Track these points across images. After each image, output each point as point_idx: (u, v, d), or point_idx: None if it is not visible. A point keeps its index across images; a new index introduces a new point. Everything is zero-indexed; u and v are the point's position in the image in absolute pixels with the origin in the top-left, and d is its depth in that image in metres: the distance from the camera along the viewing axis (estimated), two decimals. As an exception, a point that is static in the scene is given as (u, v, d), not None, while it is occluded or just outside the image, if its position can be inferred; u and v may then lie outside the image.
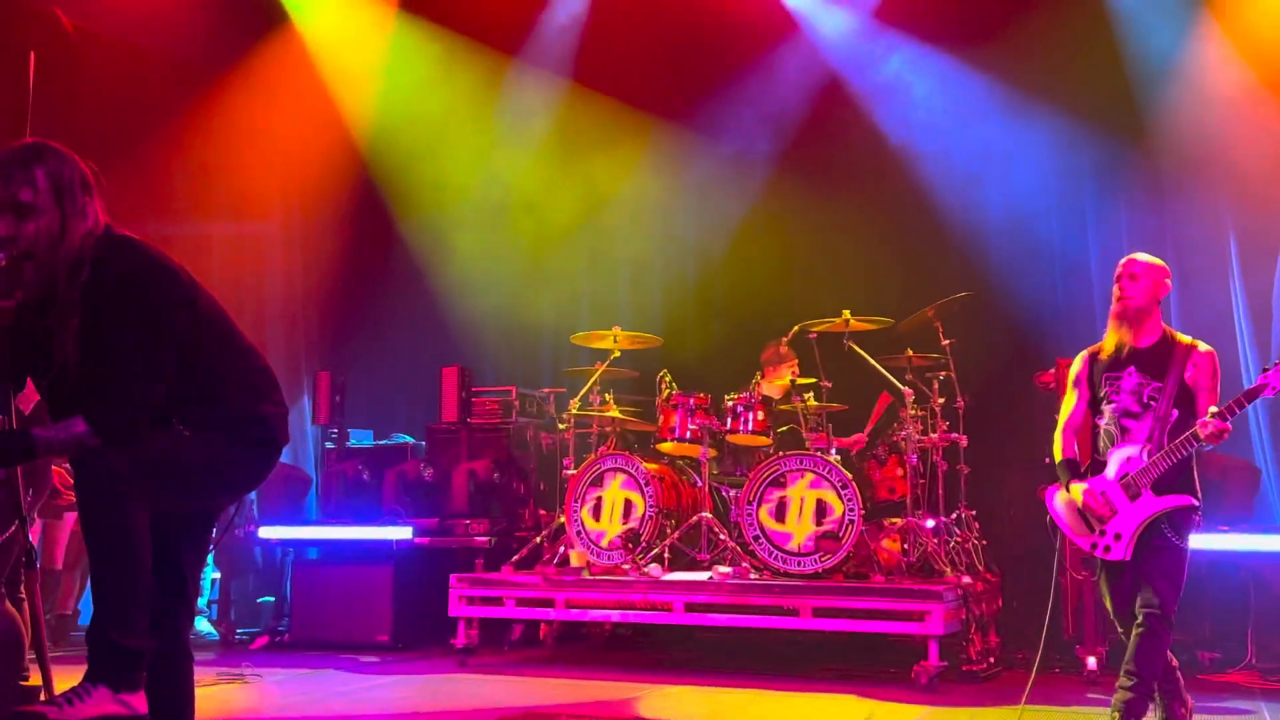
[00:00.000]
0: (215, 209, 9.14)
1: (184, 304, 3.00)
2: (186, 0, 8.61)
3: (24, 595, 4.42)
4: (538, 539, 6.96)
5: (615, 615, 6.24)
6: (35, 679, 4.34)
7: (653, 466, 6.68)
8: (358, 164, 9.45)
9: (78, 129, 7.33)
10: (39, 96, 7.03)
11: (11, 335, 2.91)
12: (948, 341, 6.68)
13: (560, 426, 7.30)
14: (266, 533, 7.58)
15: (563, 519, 6.79)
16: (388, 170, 9.44)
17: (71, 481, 4.93)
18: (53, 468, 4.56)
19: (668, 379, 6.90)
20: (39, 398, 4.74)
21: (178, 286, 3.00)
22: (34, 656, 3.03)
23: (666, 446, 6.79)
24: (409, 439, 8.45)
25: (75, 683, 2.78)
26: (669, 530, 6.51)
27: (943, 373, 6.67)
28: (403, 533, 7.28)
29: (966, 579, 6.12)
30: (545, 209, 9.29)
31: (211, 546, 3.33)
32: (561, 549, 6.73)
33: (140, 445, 2.88)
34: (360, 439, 8.54)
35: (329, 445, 8.32)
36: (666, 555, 6.37)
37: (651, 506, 6.51)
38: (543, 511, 7.63)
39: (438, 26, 9.14)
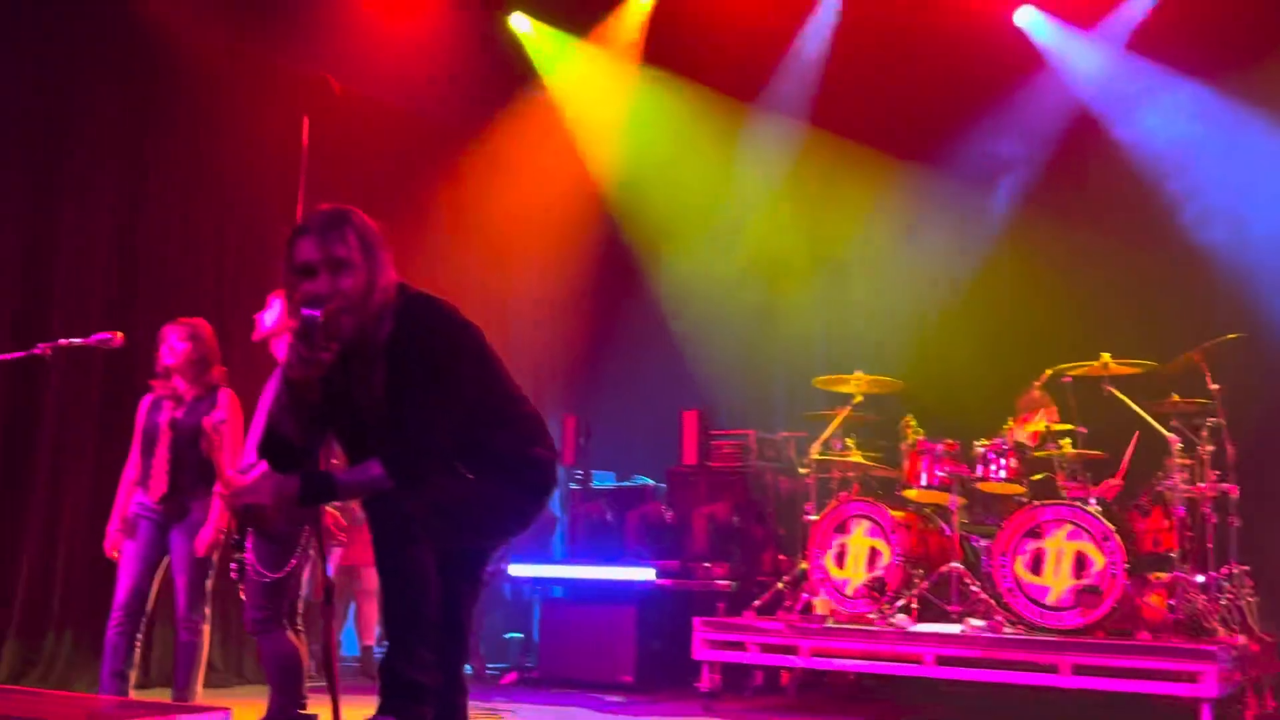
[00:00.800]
0: (469, 261, 9.58)
1: (475, 357, 3.17)
2: (444, 63, 9.11)
3: (301, 627, 4.75)
4: (779, 584, 6.93)
5: (861, 665, 6.14)
6: (313, 708, 4.65)
7: (899, 514, 6.54)
8: (602, 214, 9.70)
9: (345, 186, 7.89)
10: (310, 155, 7.64)
11: (323, 386, 3.12)
12: (1216, 386, 6.31)
13: (801, 471, 7.25)
14: (516, 570, 7.82)
15: (805, 565, 6.74)
16: (631, 220, 9.66)
17: (345, 524, 5.26)
18: (327, 510, 4.87)
19: (913, 424, 6.78)
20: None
21: (471, 341, 3.16)
22: (324, 685, 3.24)
23: (912, 493, 6.65)
24: (650, 481, 8.56)
25: (365, 716, 2.92)
26: (916, 580, 6.37)
27: (1211, 419, 6.29)
28: (645, 574, 7.37)
29: (1240, 639, 5.73)
30: (781, 251, 9.31)
31: (484, 585, 3.49)
32: (804, 596, 6.67)
33: (429, 488, 3.02)
34: (603, 480, 8.71)
35: (574, 486, 8.52)
36: (914, 605, 6.25)
37: (898, 555, 6.38)
38: (782, 557, 7.56)
39: (679, 78, 9.34)
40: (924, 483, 6.56)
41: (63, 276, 6.81)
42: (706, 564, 7.48)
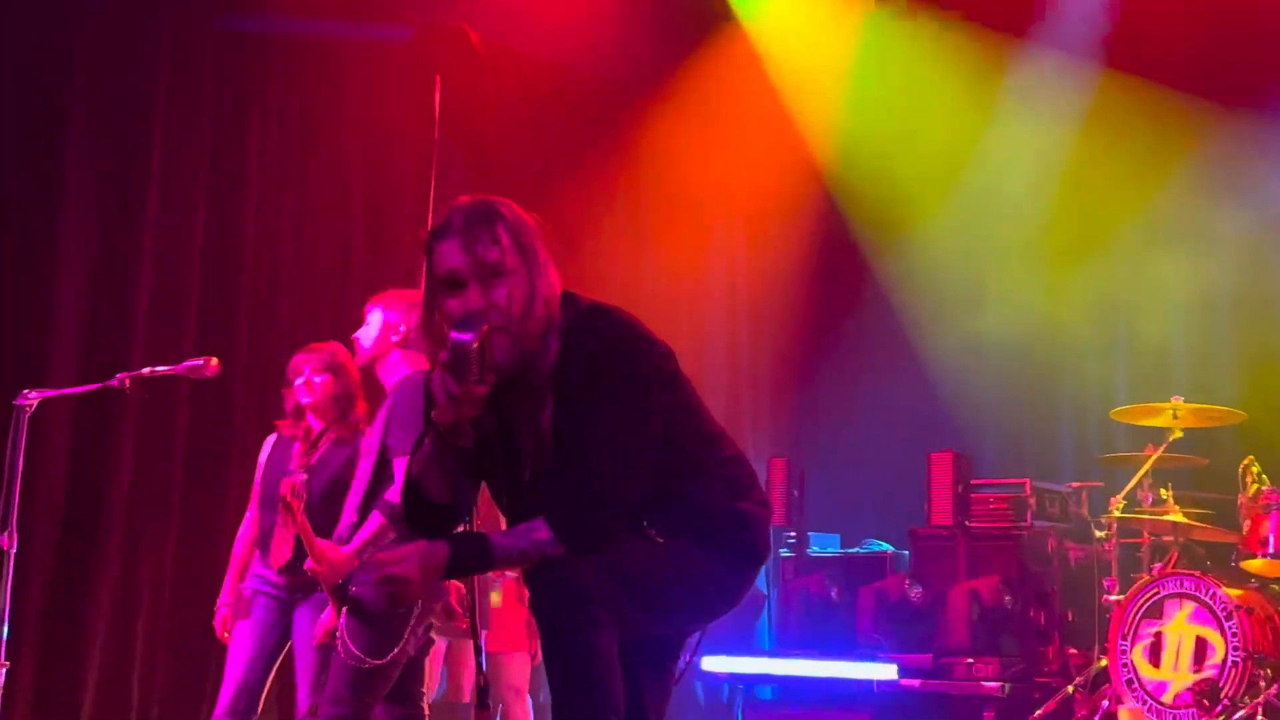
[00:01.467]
0: (646, 258, 9.68)
1: (666, 385, 3.16)
2: (609, 9, 9.25)
3: None
4: (1069, 688, 6.78)
5: (1187, 801, 5.94)
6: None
7: (1236, 593, 6.33)
8: (819, 192, 9.73)
9: (488, 166, 8.09)
10: (445, 129, 7.84)
11: (474, 427, 3.15)
12: None
13: (1098, 534, 7.09)
14: (710, 664, 7.80)
15: (1104, 662, 6.61)
16: (856, 197, 9.65)
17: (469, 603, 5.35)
18: (451, 582, 4.96)
19: (1255, 470, 6.56)
20: None
21: (661, 364, 3.16)
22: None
23: (1255, 565, 6.46)
24: (887, 546, 8.48)
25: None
26: (1263, 683, 6.16)
27: None
28: (884, 671, 7.26)
29: None
30: (1059, 234, 9.12)
31: (676, 681, 3.49)
32: (1104, 704, 6.51)
33: (610, 555, 3.03)
34: (824, 545, 8.66)
35: (785, 553, 8.45)
36: (1260, 717, 6.03)
37: (1236, 649, 6.16)
38: (1073, 651, 7.37)
39: (920, 11, 9.24)
40: (1272, 549, 6.35)
41: (144, 290, 7.17)
42: (968, 659, 7.33)
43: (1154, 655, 6.40)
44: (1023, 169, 9.29)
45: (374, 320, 5.03)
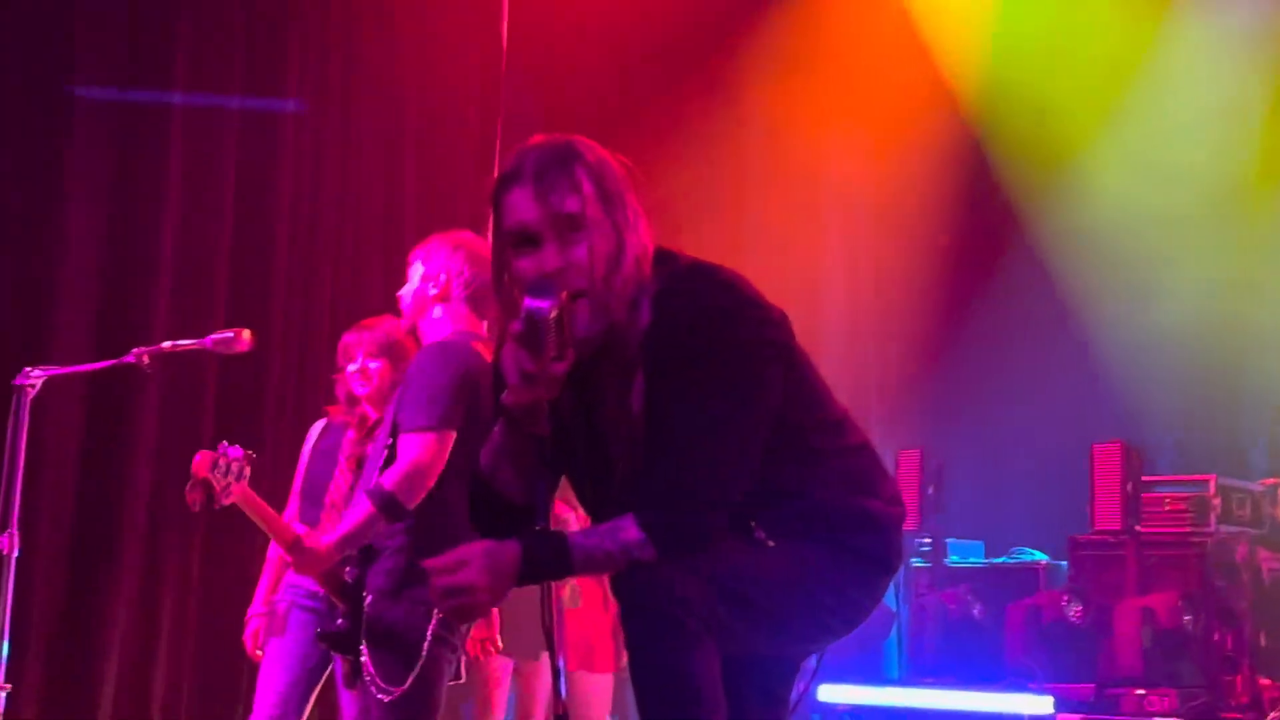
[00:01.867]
0: (751, 214, 9.65)
1: (781, 358, 3.12)
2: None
3: None
4: (1263, 725, 6.72)
5: None
6: None
7: None
8: (958, 133, 9.68)
9: (563, 108, 8.09)
10: (514, 51, 7.85)
11: (552, 410, 3.11)
12: None
13: (1297, 542, 7.04)
14: (829, 694, 7.78)
15: (1306, 695, 6.52)
16: (1006, 144, 9.60)
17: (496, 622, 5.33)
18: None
19: None
20: None
21: (774, 334, 3.12)
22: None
23: None
24: (1040, 556, 8.43)
25: None
26: None
27: None
28: (1038, 705, 7.22)
29: None
30: (1258, 185, 8.98)
31: (790, 713, 3.46)
32: (1306, 744, 6.48)
33: (711, 560, 3.00)
34: (964, 554, 8.64)
35: (918, 562, 8.46)
36: None
37: None
38: (1266, 681, 7.35)
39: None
40: None
41: (165, 250, 7.23)
42: (1139, 691, 7.29)
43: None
44: (1210, 97, 9.14)
45: (414, 274, 4.96)
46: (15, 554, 4.81)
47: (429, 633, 4.62)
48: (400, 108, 8.20)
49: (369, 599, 4.65)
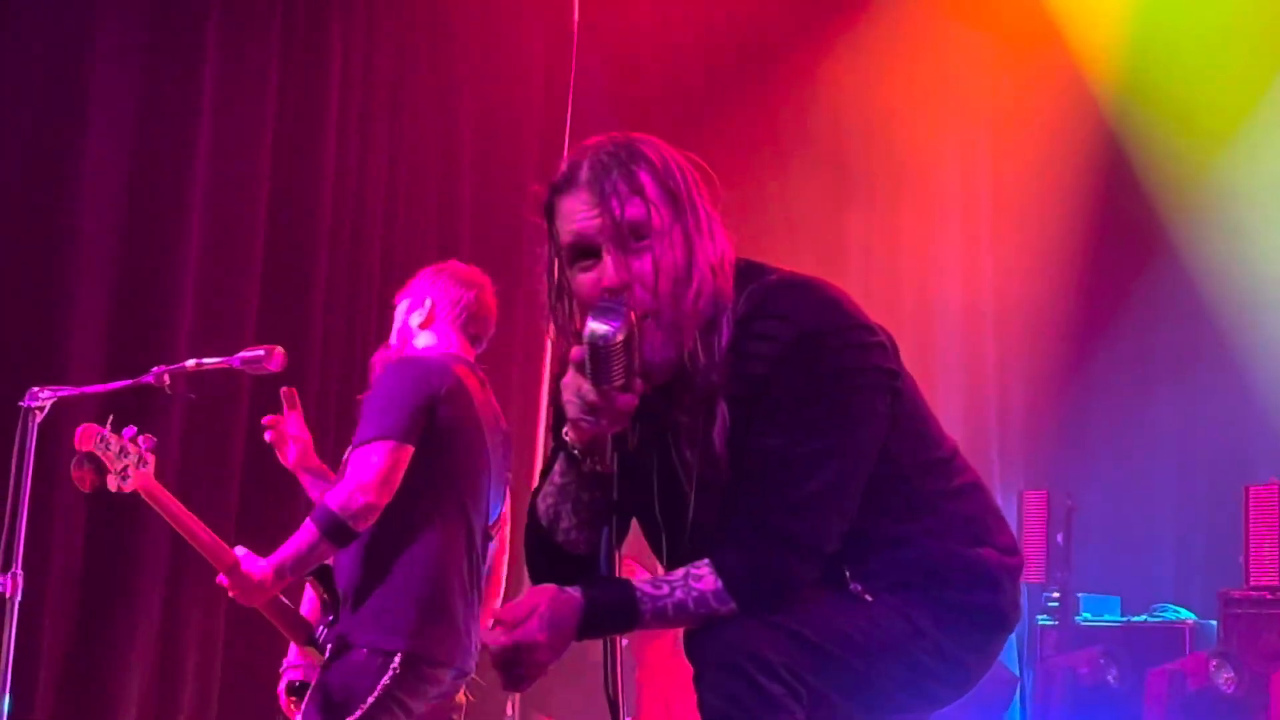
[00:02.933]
0: (842, 232, 9.66)
1: (888, 387, 3.10)
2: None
3: None
4: None
5: None
6: None
7: None
8: (1095, 138, 9.70)
9: (635, 90, 8.12)
10: (586, 41, 7.88)
11: (619, 446, 3.11)
12: None
13: None
14: (940, 771, 7.79)
15: None
16: (1152, 147, 9.63)
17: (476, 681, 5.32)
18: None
19: None
20: None
21: (878, 359, 3.10)
22: None
23: None
24: (1188, 615, 8.45)
25: None
26: None
27: None
28: (1182, 786, 7.22)
29: None
30: None
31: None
32: None
33: (799, 614, 3.00)
34: (1099, 611, 8.66)
35: (1044, 620, 8.46)
36: None
37: None
38: None
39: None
40: None
41: (191, 259, 7.29)
42: (1305, 771, 7.24)
43: None
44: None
45: (398, 314, 5.10)
46: (18, 597, 4.85)
47: (379, 688, 4.66)
48: (455, 108, 8.25)
49: (329, 648, 4.74)
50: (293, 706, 4.95)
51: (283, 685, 5.01)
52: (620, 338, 2.90)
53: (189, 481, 7.14)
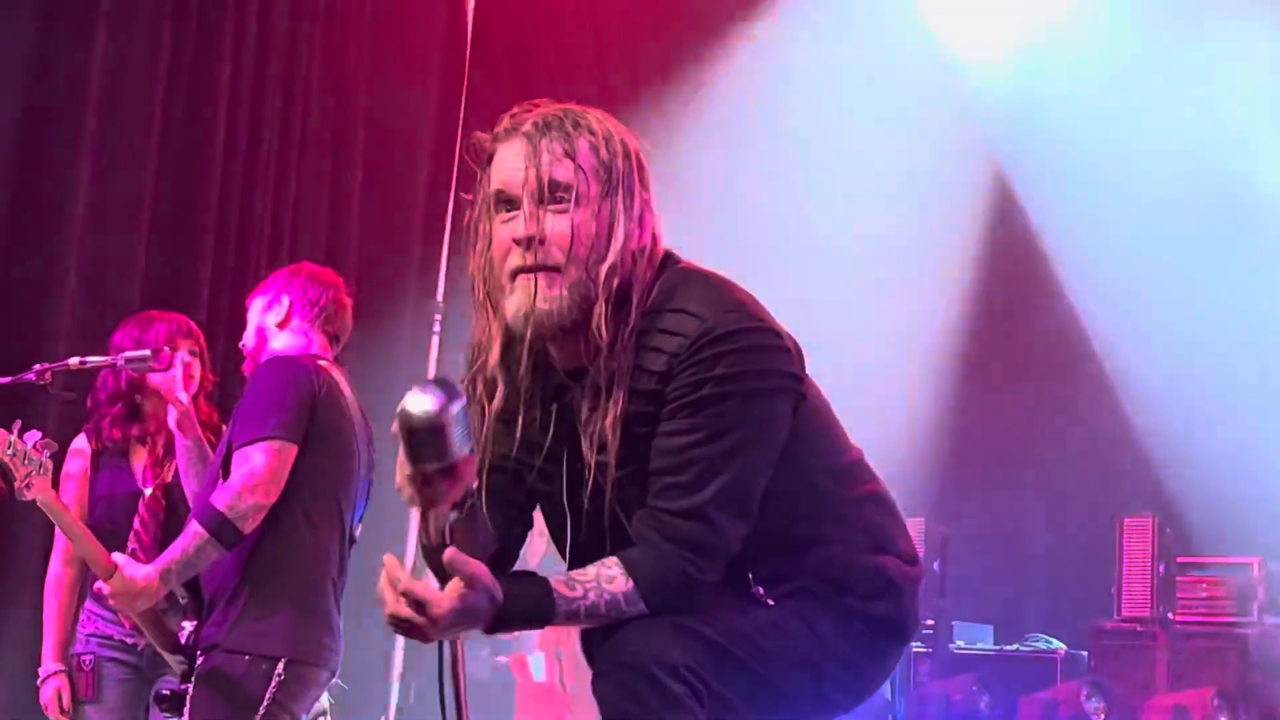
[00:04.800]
0: (744, 231, 9.67)
1: (791, 391, 3.10)
2: None
3: None
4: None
5: None
6: None
7: None
8: (979, 169, 9.79)
9: (531, 83, 8.09)
10: (481, 34, 7.83)
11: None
12: None
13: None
14: (812, 794, 7.78)
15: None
16: (1034, 181, 9.72)
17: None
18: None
19: None
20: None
21: (786, 363, 3.10)
22: None
23: None
24: (1058, 645, 8.50)
25: None
26: None
27: None
28: (1051, 812, 7.26)
29: None
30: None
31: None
32: None
33: (702, 616, 2.98)
34: (972, 639, 8.71)
35: (918, 647, 8.47)
36: None
37: None
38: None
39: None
40: None
41: (73, 253, 7.17)
42: (1170, 801, 7.31)
43: None
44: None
45: (252, 313, 5.03)
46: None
47: (266, 697, 4.60)
48: (349, 99, 8.18)
49: (201, 656, 4.62)
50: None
51: (153, 694, 4.89)
52: (442, 416, 2.79)
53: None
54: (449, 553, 2.86)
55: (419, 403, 2.78)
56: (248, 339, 5.00)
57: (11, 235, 7.04)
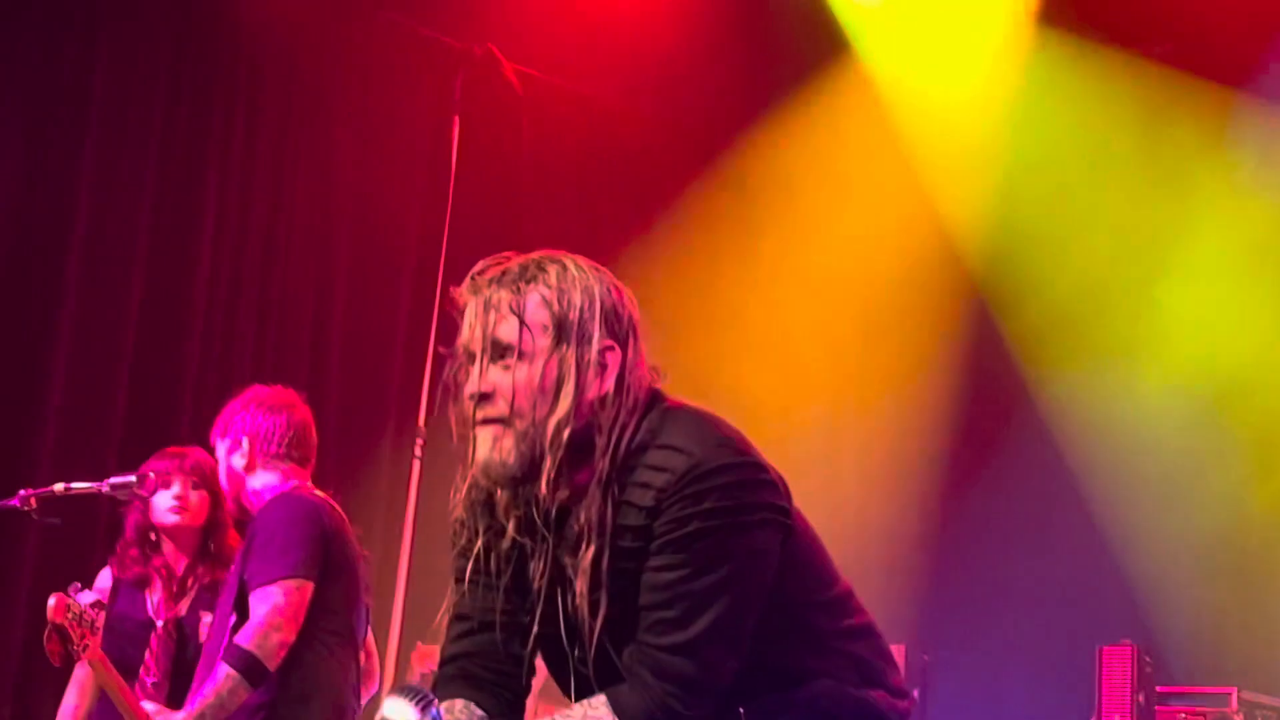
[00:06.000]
0: (721, 365, 9.68)
1: (779, 525, 3.12)
2: (687, 42, 9.29)
3: None
4: None
5: None
6: None
7: None
8: (960, 290, 9.78)
9: (518, 221, 8.13)
10: (470, 170, 7.86)
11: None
12: None
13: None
14: None
15: None
16: (1011, 301, 9.69)
17: None
18: None
19: None
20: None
21: (773, 496, 3.12)
22: None
23: None
24: (1041, 774, 8.44)
25: None
26: None
27: None
28: None
29: None
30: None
31: None
32: None
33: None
34: (954, 766, 8.63)
35: (903, 776, 8.43)
36: None
37: None
38: None
39: (1105, 46, 9.25)
40: None
41: (58, 372, 7.17)
42: None
43: None
44: (1247, 276, 9.22)
45: (219, 455, 5.13)
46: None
47: None
48: (330, 233, 8.24)
49: None
50: None
51: None
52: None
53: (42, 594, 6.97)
54: None
55: (401, 712, 2.90)
56: (222, 482, 5.11)
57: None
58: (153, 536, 5.29)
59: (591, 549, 3.05)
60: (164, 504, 5.27)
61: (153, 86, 7.61)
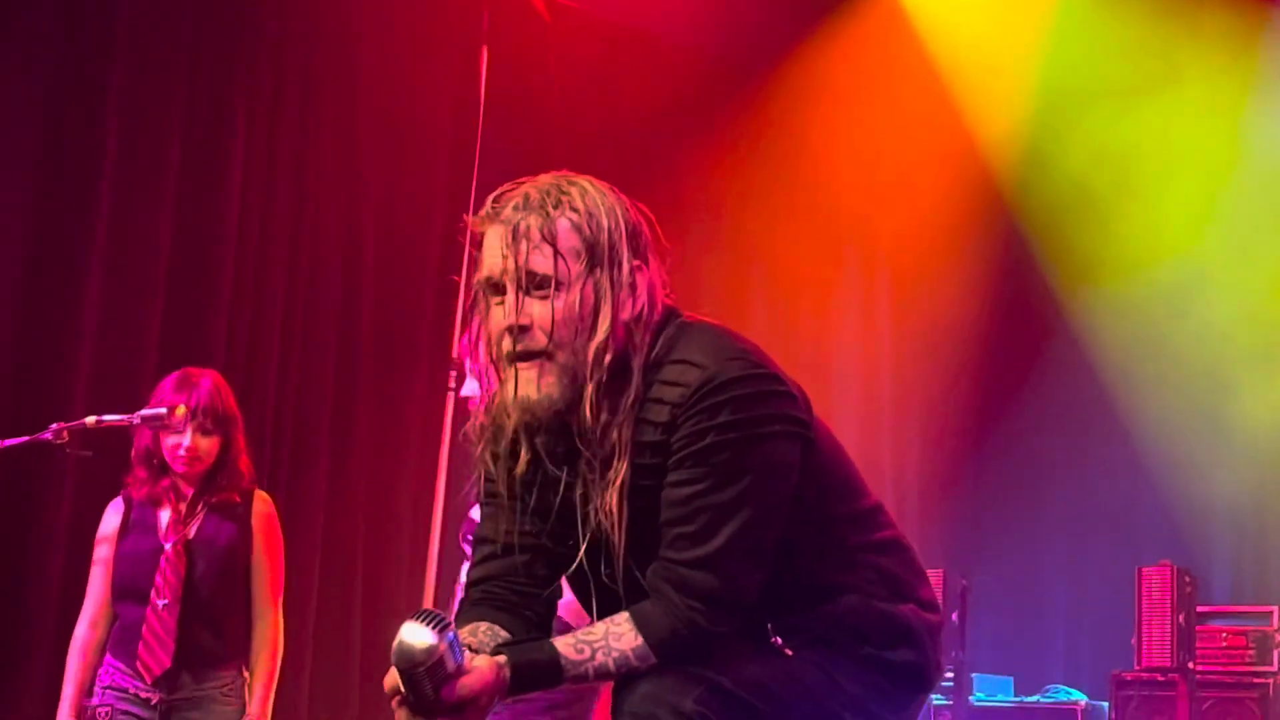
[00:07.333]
0: (752, 282, 9.67)
1: (799, 437, 3.10)
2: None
3: None
4: None
5: None
6: None
7: None
8: (992, 212, 9.75)
9: (545, 154, 8.09)
10: (498, 101, 7.85)
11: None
12: None
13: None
14: None
15: None
16: (1049, 218, 9.67)
17: None
18: None
19: None
20: None
21: (790, 408, 3.11)
22: None
23: None
24: (1080, 696, 8.44)
25: None
26: None
27: None
28: None
29: None
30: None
31: None
32: None
33: (719, 667, 2.99)
34: (991, 691, 8.65)
35: (937, 700, 8.43)
36: None
37: None
38: None
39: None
40: None
41: (90, 315, 7.19)
42: None
43: None
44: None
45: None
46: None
47: None
48: (360, 172, 8.21)
49: None
50: None
51: None
52: (437, 648, 2.88)
53: (79, 546, 7.02)
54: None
55: (418, 635, 2.88)
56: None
57: (25, 295, 7.06)
58: (156, 462, 5.27)
59: (625, 466, 3.05)
60: (173, 450, 5.22)
61: (178, 22, 7.59)
